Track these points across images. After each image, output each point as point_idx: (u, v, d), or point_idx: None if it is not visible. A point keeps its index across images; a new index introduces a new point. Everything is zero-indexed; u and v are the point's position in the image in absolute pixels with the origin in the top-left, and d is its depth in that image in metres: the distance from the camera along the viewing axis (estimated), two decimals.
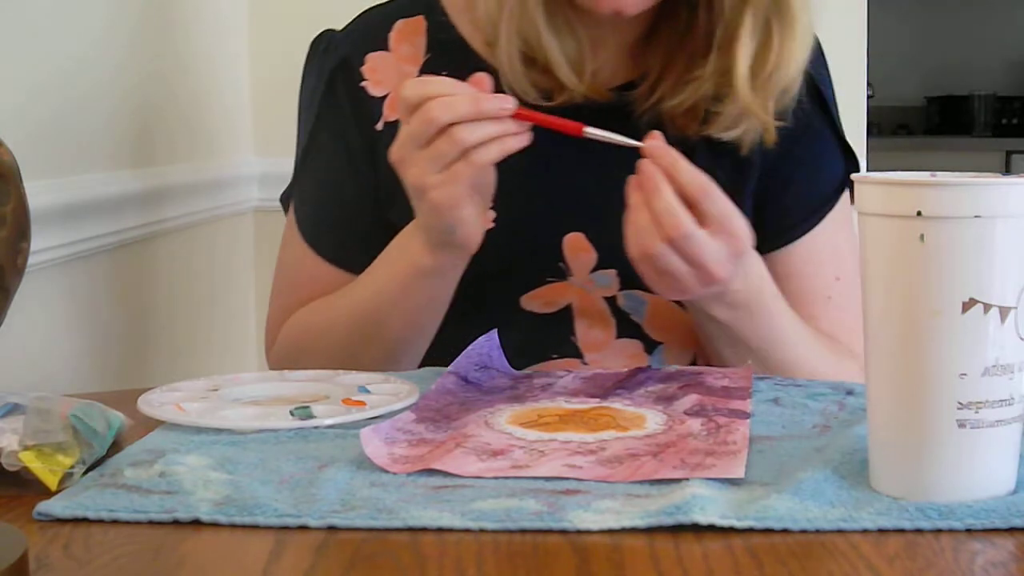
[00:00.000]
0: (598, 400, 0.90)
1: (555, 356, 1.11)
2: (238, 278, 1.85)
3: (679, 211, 0.92)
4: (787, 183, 1.14)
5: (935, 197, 0.65)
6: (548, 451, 0.77)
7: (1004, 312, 0.65)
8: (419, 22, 1.16)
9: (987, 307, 0.65)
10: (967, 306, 0.65)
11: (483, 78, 0.97)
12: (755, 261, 1.02)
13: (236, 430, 0.83)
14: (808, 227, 1.14)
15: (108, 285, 1.36)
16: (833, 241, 1.15)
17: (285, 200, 1.22)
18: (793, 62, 1.06)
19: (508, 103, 0.96)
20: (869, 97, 2.20)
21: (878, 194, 0.68)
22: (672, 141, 1.01)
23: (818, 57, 1.14)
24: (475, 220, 0.99)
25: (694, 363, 1.12)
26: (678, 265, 0.94)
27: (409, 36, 1.16)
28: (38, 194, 1.06)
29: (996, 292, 0.65)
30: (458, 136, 0.94)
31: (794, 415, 0.87)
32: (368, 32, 1.18)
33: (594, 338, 1.11)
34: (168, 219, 1.51)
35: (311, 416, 0.86)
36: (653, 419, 0.84)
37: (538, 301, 1.11)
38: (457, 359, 0.97)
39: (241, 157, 1.86)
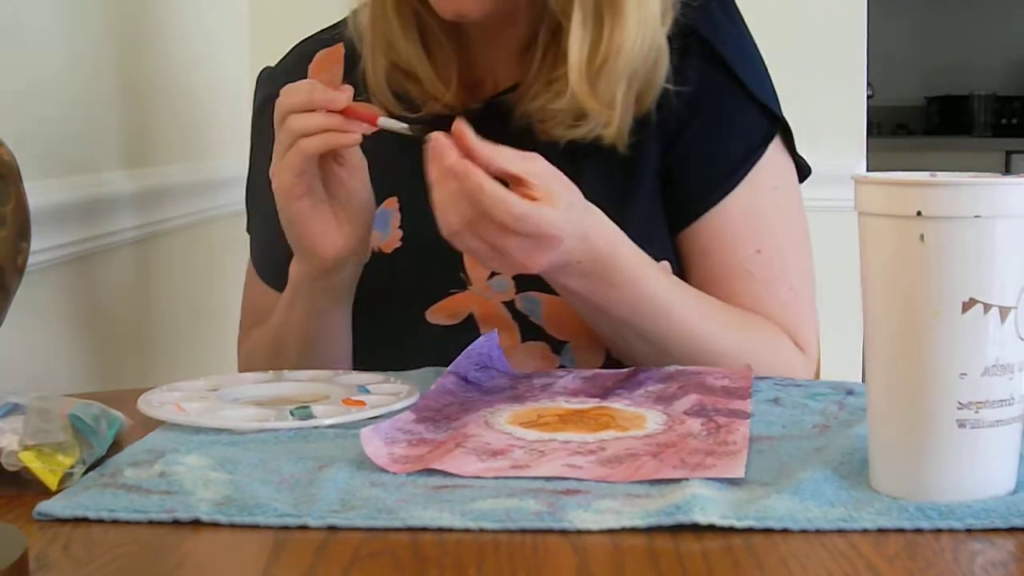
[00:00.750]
0: (598, 400, 0.90)
1: None
2: (237, 278, 1.85)
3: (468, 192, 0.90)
4: (688, 156, 1.10)
5: (935, 197, 0.65)
6: (548, 451, 0.77)
7: (1004, 312, 0.65)
8: (337, 50, 1.19)
9: (987, 307, 0.65)
10: (967, 306, 0.65)
11: (348, 88, 0.99)
12: (602, 227, 0.98)
13: (236, 430, 0.83)
14: (716, 198, 1.09)
15: (108, 285, 1.36)
16: (753, 210, 1.10)
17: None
18: (626, 52, 1.03)
19: (339, 98, 0.97)
20: (869, 97, 2.20)
21: (878, 194, 0.68)
22: (541, 146, 1.01)
23: (717, 18, 1.11)
24: (320, 225, 1.01)
25: (607, 361, 1.09)
26: (478, 245, 0.92)
27: (327, 66, 1.18)
28: (38, 194, 1.06)
29: (996, 292, 0.65)
30: (289, 124, 0.98)
31: (794, 415, 0.87)
32: (292, 66, 1.21)
33: (501, 344, 1.07)
34: (167, 219, 1.51)
35: (311, 416, 0.86)
36: (653, 419, 0.84)
37: (442, 313, 1.11)
38: (457, 359, 0.97)
39: (240, 158, 1.86)
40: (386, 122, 1.00)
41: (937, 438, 0.66)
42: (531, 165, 0.92)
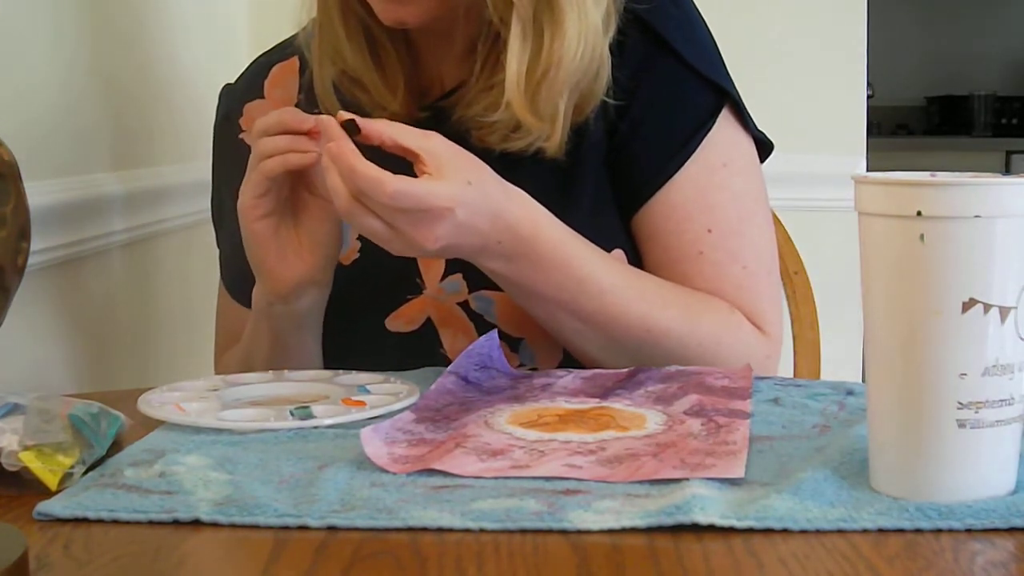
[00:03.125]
0: (598, 400, 0.90)
1: None
2: None
3: (356, 172, 0.89)
4: (633, 138, 1.08)
5: (935, 197, 0.65)
6: (548, 451, 0.77)
7: (1004, 312, 0.65)
8: (292, 64, 1.19)
9: (987, 307, 0.65)
10: (967, 306, 0.65)
11: (345, 115, 0.98)
12: (522, 208, 0.97)
13: (236, 430, 0.83)
14: (664, 178, 1.07)
15: (108, 285, 1.36)
16: (701, 188, 1.07)
17: None
18: (566, 64, 1.01)
19: (307, 120, 0.98)
20: (869, 97, 2.20)
21: (878, 194, 0.68)
22: (475, 153, 0.98)
23: (664, 7, 1.09)
24: (280, 249, 1.01)
25: (565, 356, 1.08)
26: (371, 223, 0.92)
27: (282, 80, 1.19)
28: (38, 194, 1.06)
29: (996, 292, 0.65)
30: (257, 146, 0.99)
31: (794, 415, 0.87)
32: (249, 81, 1.21)
33: (460, 346, 1.07)
34: (167, 219, 1.51)
35: (311, 416, 0.86)
36: (653, 419, 0.84)
37: (401, 320, 1.11)
38: (457, 359, 0.97)
39: None
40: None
41: (937, 438, 0.66)
42: (426, 142, 0.92)
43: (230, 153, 1.18)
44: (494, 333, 1.02)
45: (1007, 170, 4.69)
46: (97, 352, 1.33)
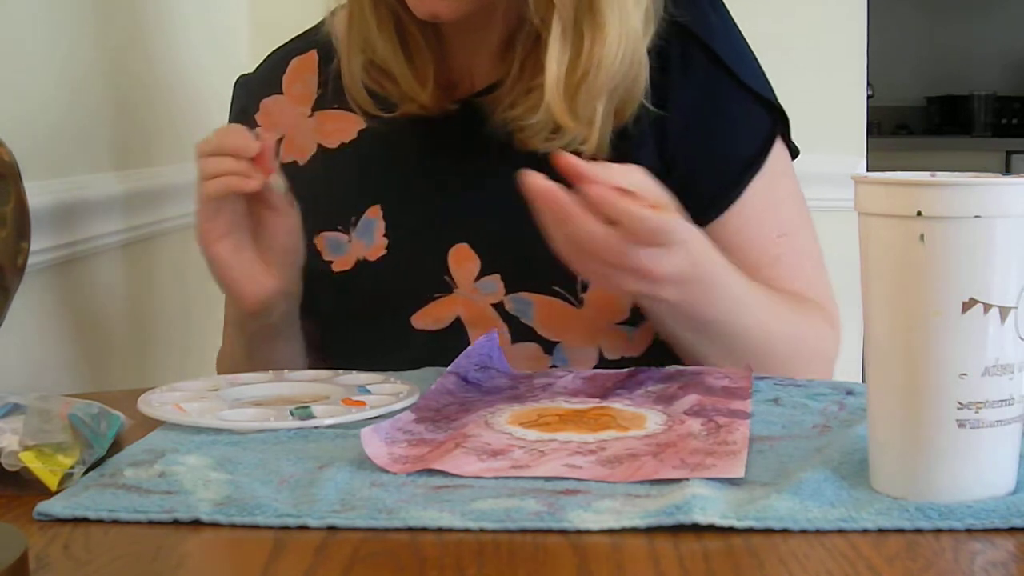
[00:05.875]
0: (598, 400, 0.90)
1: None
2: None
3: (605, 238, 0.89)
4: (698, 159, 1.09)
5: (935, 197, 0.65)
6: (548, 451, 0.77)
7: (1004, 312, 0.65)
8: (311, 58, 1.18)
9: (987, 307, 0.65)
10: (967, 306, 0.65)
11: (270, 136, 1.02)
12: (695, 232, 0.97)
13: (236, 430, 0.83)
14: (736, 195, 1.09)
15: (108, 285, 1.36)
16: (770, 198, 1.11)
17: None
18: (606, 67, 1.01)
19: (250, 146, 0.99)
20: (869, 97, 2.20)
21: (878, 194, 0.68)
22: (520, 156, 1.00)
23: (704, 14, 1.10)
24: (243, 268, 1.02)
25: (600, 360, 1.08)
26: (623, 278, 0.92)
27: (301, 74, 1.18)
28: (38, 194, 1.06)
29: (996, 292, 0.65)
30: (199, 167, 1.00)
31: (794, 415, 0.87)
32: (266, 75, 1.20)
33: None
34: (167, 219, 1.51)
35: (311, 416, 0.86)
36: (653, 419, 0.84)
37: (428, 318, 1.10)
38: (457, 359, 0.97)
39: None
40: (274, 179, 1.02)
41: (937, 438, 0.66)
42: (636, 177, 0.91)
43: None
44: (494, 333, 1.02)
45: (1007, 170, 4.69)
46: (97, 352, 1.33)
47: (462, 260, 1.09)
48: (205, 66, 1.72)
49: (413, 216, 1.12)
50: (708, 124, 1.10)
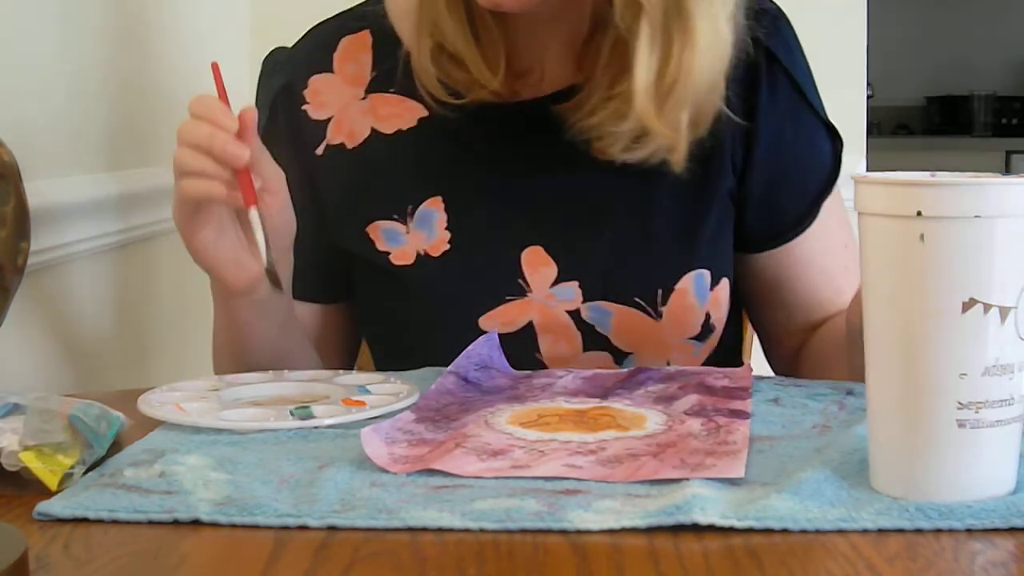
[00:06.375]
0: (598, 400, 0.90)
1: None
2: None
3: None
4: (779, 182, 1.11)
5: (935, 197, 0.65)
6: (548, 451, 0.77)
7: (1004, 312, 0.65)
8: (364, 37, 1.13)
9: (987, 307, 0.65)
10: (967, 306, 0.65)
11: (250, 113, 0.96)
12: None
13: (236, 430, 0.83)
14: (813, 219, 1.12)
15: (108, 285, 1.36)
16: (834, 213, 1.14)
17: None
18: (695, 74, 0.98)
19: (242, 155, 0.94)
20: (869, 97, 2.20)
21: (878, 194, 0.68)
22: (598, 165, 1.00)
23: (788, 42, 1.11)
24: (227, 253, 0.98)
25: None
26: None
27: (354, 54, 1.13)
28: (38, 194, 1.06)
29: (996, 292, 0.65)
30: (177, 158, 0.96)
31: (794, 415, 0.87)
32: (314, 52, 1.15)
33: (560, 353, 1.07)
34: (168, 219, 1.50)
35: (311, 416, 0.86)
36: (653, 419, 0.84)
37: (497, 321, 1.07)
38: (457, 359, 0.97)
39: None
40: (254, 213, 0.96)
41: (937, 438, 0.66)
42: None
43: (287, 125, 1.13)
44: (494, 333, 1.02)
45: (1007, 170, 4.69)
46: (96, 352, 1.33)
47: (537, 264, 1.07)
48: (205, 67, 1.72)
49: (480, 211, 1.09)
50: (791, 151, 1.11)
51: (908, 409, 0.67)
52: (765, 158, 1.10)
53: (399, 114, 1.11)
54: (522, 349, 1.06)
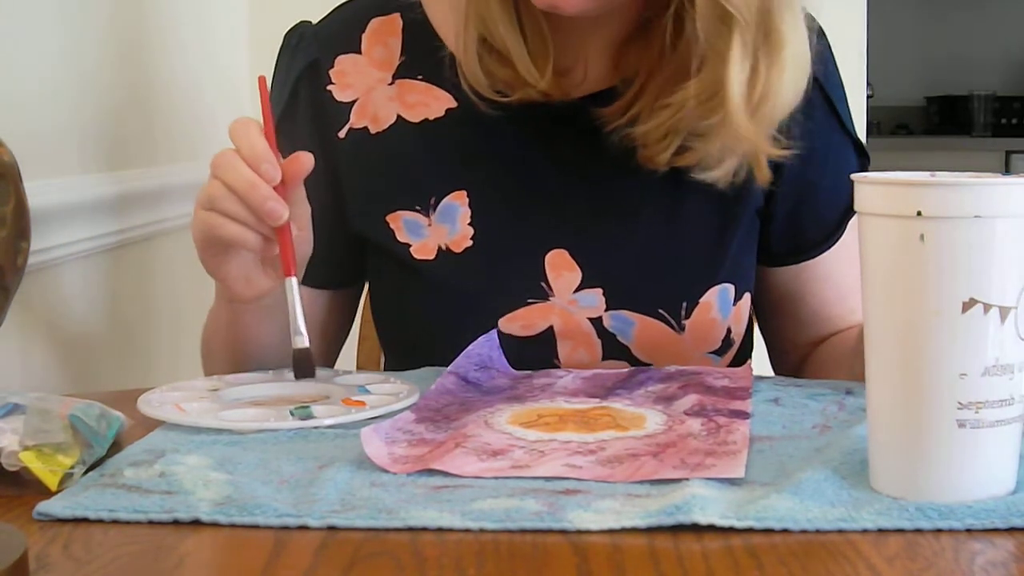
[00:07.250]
0: (598, 400, 0.90)
1: None
2: None
3: None
4: (809, 200, 1.11)
5: (935, 197, 0.65)
6: (548, 451, 0.77)
7: (1004, 312, 0.65)
8: (394, 21, 1.10)
9: (987, 307, 0.65)
10: (967, 306, 0.65)
11: (298, 166, 0.94)
12: None
13: (236, 430, 0.83)
14: (839, 237, 1.12)
15: (108, 285, 1.36)
16: (855, 231, 1.13)
17: None
18: (783, 92, 0.98)
19: (283, 214, 0.91)
20: (869, 97, 2.20)
21: (878, 194, 0.68)
22: (639, 170, 0.99)
23: (824, 56, 1.09)
24: (240, 270, 0.96)
25: None
26: None
27: (383, 37, 1.10)
28: (38, 194, 1.06)
29: (996, 292, 0.65)
30: (211, 192, 0.92)
31: (794, 415, 0.87)
32: (342, 31, 1.11)
33: (578, 360, 1.06)
34: (168, 219, 1.51)
35: (311, 416, 0.86)
36: (653, 419, 0.84)
37: (517, 324, 1.05)
38: (457, 359, 0.97)
39: None
40: (292, 286, 0.94)
41: (937, 438, 0.66)
42: None
43: (309, 104, 1.11)
44: (493, 333, 1.02)
45: (1007, 170, 4.69)
46: (96, 352, 1.33)
47: (560, 268, 1.06)
48: (205, 67, 1.72)
49: (504, 210, 1.07)
50: (820, 169, 1.10)
51: (908, 409, 0.67)
52: (795, 175, 1.08)
53: (426, 103, 1.08)
54: (540, 354, 1.05)
